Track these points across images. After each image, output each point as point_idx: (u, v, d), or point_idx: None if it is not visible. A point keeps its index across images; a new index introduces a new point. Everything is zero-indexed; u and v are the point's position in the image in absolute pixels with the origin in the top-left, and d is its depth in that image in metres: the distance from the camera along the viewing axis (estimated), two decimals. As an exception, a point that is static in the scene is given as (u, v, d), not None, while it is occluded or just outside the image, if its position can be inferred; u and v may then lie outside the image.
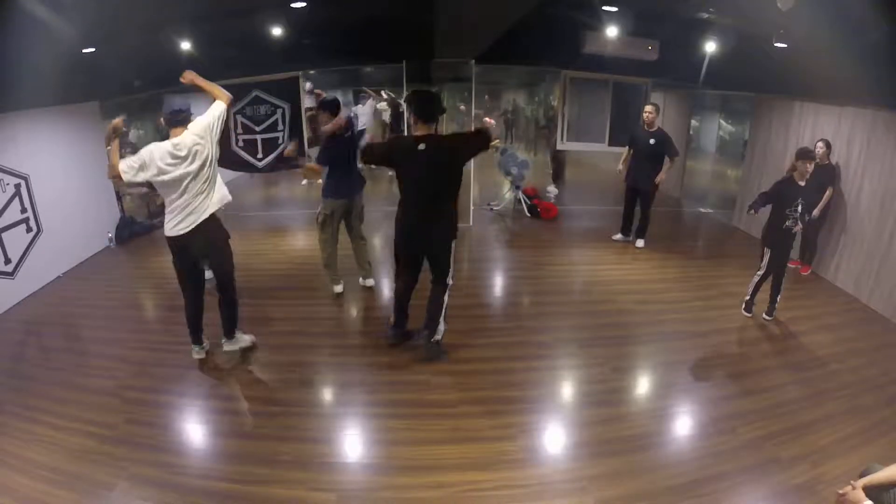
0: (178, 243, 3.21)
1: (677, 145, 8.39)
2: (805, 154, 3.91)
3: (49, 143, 5.19)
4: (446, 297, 3.53)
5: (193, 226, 3.16)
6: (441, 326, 3.56)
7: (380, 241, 5.91)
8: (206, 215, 3.18)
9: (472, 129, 4.40)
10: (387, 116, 9.69)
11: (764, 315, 4.25)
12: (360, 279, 4.78)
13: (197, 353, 3.57)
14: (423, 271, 3.60)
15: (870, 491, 1.86)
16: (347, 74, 11.43)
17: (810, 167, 3.91)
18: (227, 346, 3.58)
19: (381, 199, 7.05)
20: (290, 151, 5.89)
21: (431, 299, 3.54)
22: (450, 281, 3.53)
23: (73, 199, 5.52)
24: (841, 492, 1.92)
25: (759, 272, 4.21)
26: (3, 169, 4.57)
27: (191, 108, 3.21)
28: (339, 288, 4.65)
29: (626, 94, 7.05)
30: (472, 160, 7.27)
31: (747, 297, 4.30)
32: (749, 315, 4.29)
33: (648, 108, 5.70)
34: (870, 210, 4.67)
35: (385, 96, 8.43)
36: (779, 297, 4.22)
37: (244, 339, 3.62)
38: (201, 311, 3.50)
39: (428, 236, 3.41)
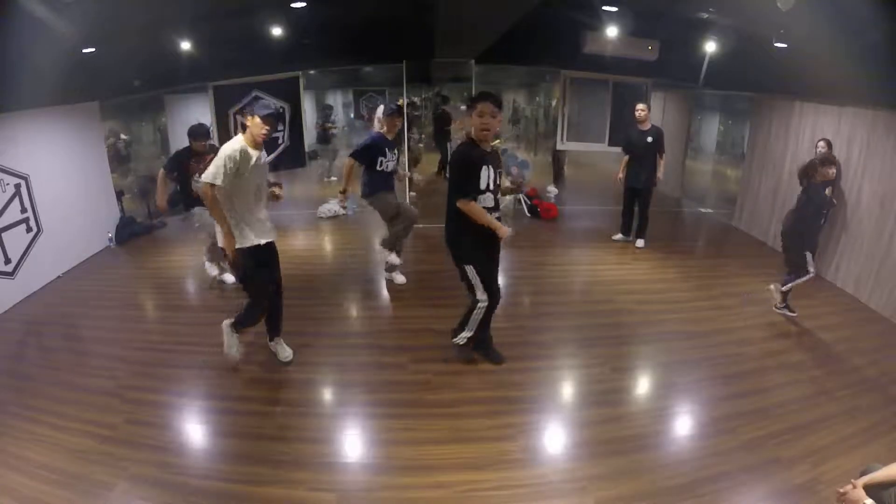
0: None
1: (677, 145, 8.50)
2: (827, 161, 4.05)
3: (49, 143, 5.19)
4: None
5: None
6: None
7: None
8: None
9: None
10: None
11: (788, 313, 4.22)
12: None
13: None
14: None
15: (870, 490, 1.86)
16: (347, 74, 11.44)
17: (832, 172, 4.03)
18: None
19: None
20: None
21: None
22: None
23: (73, 199, 5.52)
24: (842, 490, 1.92)
25: (808, 275, 4.12)
26: (3, 169, 4.57)
27: None
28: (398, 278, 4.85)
29: (626, 94, 7.05)
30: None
31: (784, 297, 4.21)
32: (794, 315, 4.21)
33: (640, 105, 5.73)
34: (870, 210, 4.67)
35: None
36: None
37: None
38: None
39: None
